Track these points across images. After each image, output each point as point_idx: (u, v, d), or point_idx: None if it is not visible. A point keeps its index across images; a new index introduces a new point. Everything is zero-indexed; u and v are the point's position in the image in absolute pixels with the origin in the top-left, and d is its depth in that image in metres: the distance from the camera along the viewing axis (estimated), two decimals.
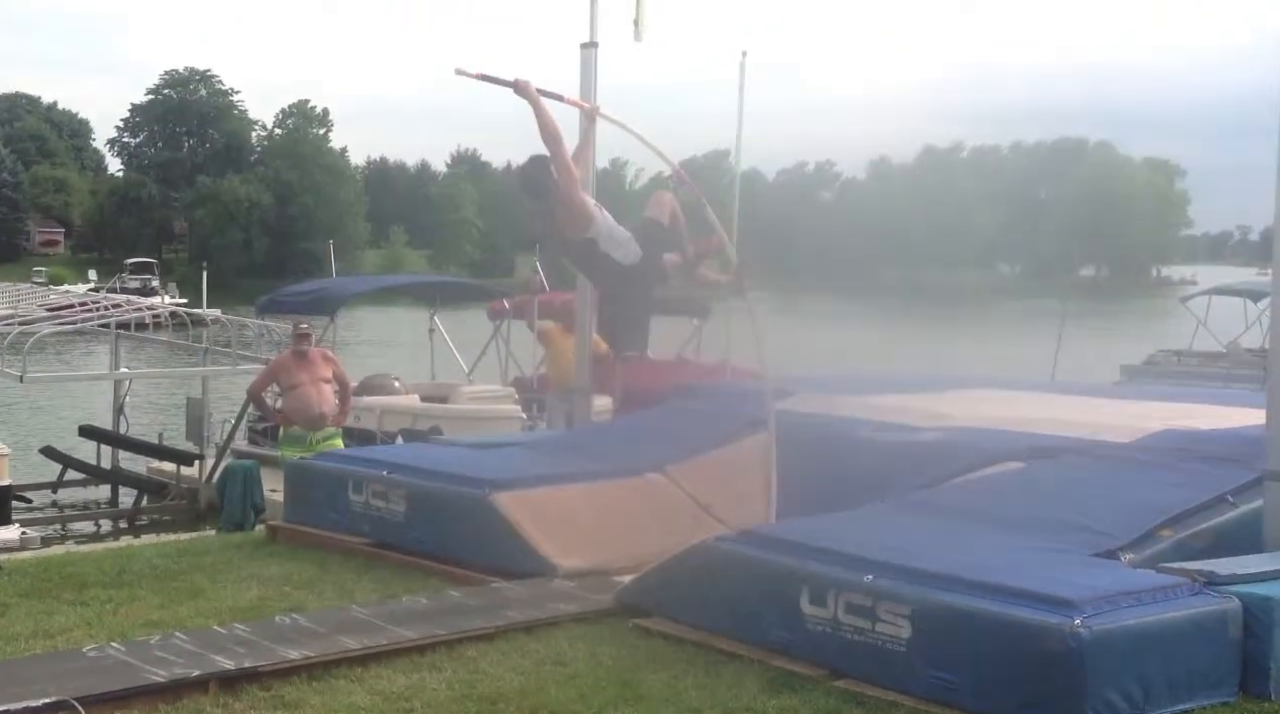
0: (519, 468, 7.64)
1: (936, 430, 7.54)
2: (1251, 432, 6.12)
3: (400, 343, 31.73)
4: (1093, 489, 6.08)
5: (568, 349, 12.37)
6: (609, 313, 15.17)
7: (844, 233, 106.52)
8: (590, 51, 8.83)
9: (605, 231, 6.89)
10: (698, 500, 7.66)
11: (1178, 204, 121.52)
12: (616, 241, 6.94)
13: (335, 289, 18.10)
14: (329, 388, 10.50)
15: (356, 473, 7.77)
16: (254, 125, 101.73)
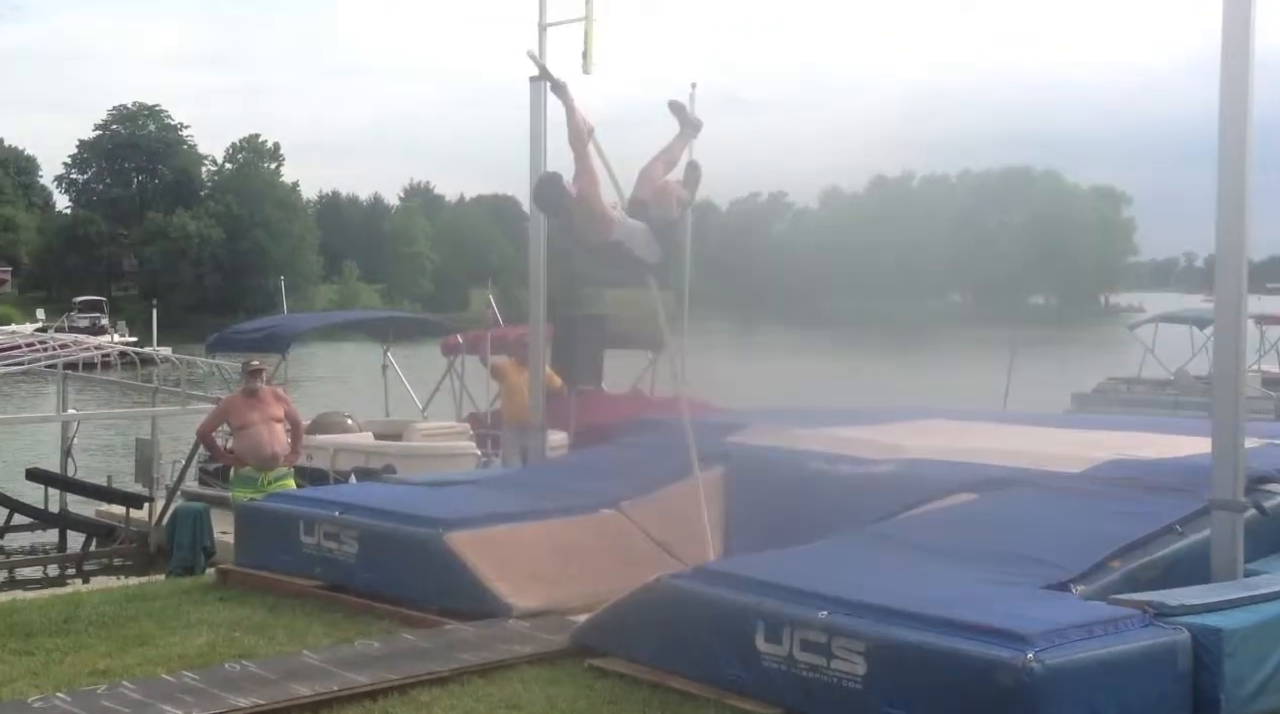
0: (473, 507, 7.59)
1: (890, 463, 7.58)
2: (1198, 461, 6.19)
3: (353, 379, 31.52)
4: (1044, 521, 6.12)
5: (522, 384, 12.35)
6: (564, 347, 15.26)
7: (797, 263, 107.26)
8: (539, 84, 8.86)
9: (628, 233, 6.95)
10: (653, 537, 7.65)
11: (1124, 231, 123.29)
12: (640, 241, 7.00)
13: (287, 326, 17.96)
14: (281, 427, 10.39)
15: (308, 514, 7.69)
16: (204, 160, 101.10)
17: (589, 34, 8.35)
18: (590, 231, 6.89)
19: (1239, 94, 5.73)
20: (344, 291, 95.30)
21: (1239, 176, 5.75)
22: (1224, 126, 5.77)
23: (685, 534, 7.38)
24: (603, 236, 6.89)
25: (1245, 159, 5.75)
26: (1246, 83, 5.72)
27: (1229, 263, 5.80)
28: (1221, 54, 5.77)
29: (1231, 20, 5.72)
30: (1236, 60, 5.73)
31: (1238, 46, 5.72)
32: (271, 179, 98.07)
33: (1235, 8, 5.71)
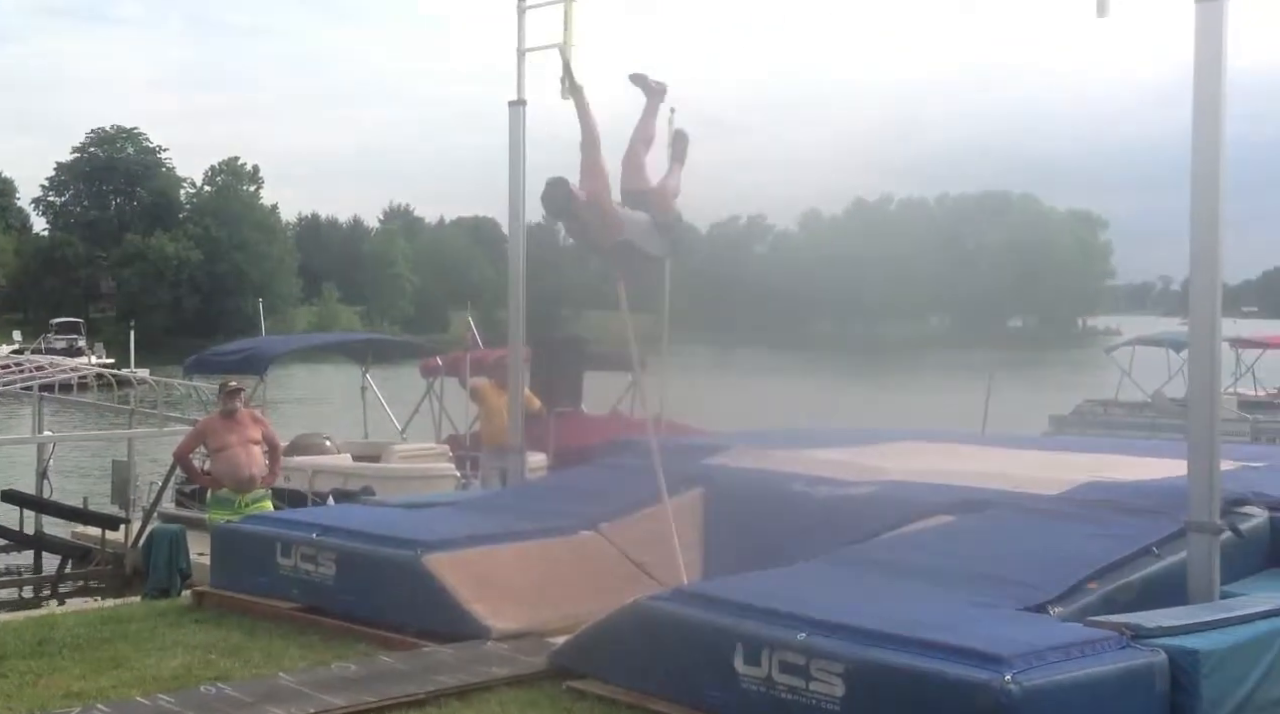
0: (451, 528, 7.56)
1: (869, 484, 7.59)
2: (1174, 483, 6.22)
3: (332, 401, 31.42)
4: (1021, 542, 6.14)
5: (501, 406, 12.34)
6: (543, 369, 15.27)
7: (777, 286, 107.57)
8: (518, 109, 8.89)
9: (637, 231, 7.00)
10: (632, 558, 7.64)
11: (1101, 255, 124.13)
12: (647, 237, 7.02)
13: (265, 348, 17.89)
14: (258, 449, 10.36)
15: (285, 535, 7.66)
16: (183, 183, 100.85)
17: (567, 59, 8.39)
18: (602, 233, 6.97)
19: (1212, 119, 5.79)
20: (323, 313, 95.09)
21: (1212, 201, 5.80)
22: (1197, 151, 5.83)
23: (664, 556, 7.37)
24: (613, 237, 6.97)
25: (1219, 184, 5.81)
26: (1219, 108, 5.79)
27: (1203, 287, 5.84)
28: (1194, 80, 5.83)
29: (1204, 47, 5.78)
30: (1209, 87, 5.79)
31: (1210, 73, 5.78)
32: (250, 201, 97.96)
33: (1207, 34, 5.77)
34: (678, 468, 8.12)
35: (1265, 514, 6.28)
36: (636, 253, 7.06)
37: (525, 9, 8.77)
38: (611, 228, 6.91)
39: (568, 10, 8.38)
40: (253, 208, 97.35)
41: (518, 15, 8.82)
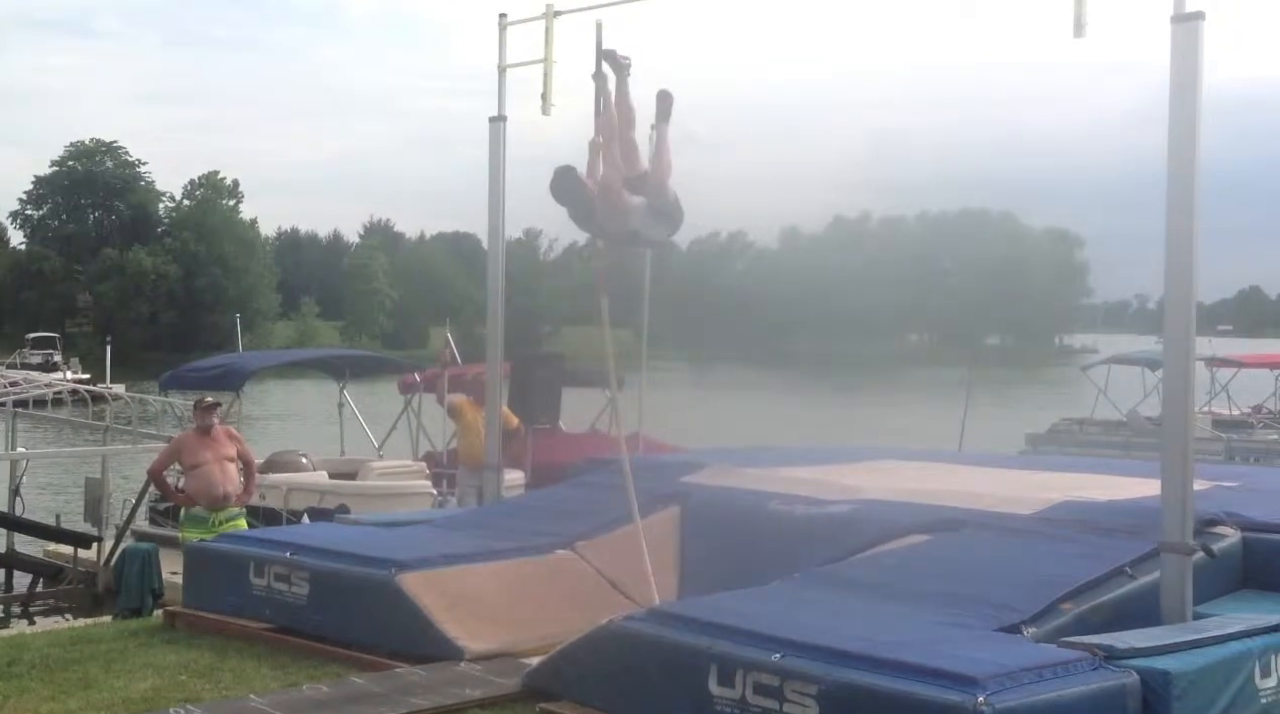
0: (425, 547, 7.52)
1: (845, 503, 7.59)
2: (1148, 503, 6.23)
3: (310, 417, 31.30)
4: (996, 562, 6.14)
5: (478, 423, 12.31)
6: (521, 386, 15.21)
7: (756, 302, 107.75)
8: (498, 125, 8.90)
9: (643, 220, 7.01)
10: (608, 577, 7.61)
11: (1078, 273, 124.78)
12: (651, 224, 7.05)
13: (241, 364, 17.80)
14: (233, 467, 10.29)
15: (258, 555, 7.60)
16: (162, 197, 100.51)
17: (548, 75, 8.41)
18: (610, 221, 6.99)
19: (1187, 138, 5.82)
20: (302, 329, 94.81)
21: (1187, 221, 5.83)
22: (1173, 170, 5.86)
23: (641, 575, 7.34)
24: (621, 226, 7.00)
25: (1193, 202, 5.83)
26: (1194, 127, 5.82)
27: (1177, 307, 5.86)
28: (1170, 99, 5.86)
29: (1180, 66, 5.81)
30: (1185, 105, 5.82)
31: (1186, 92, 5.82)
32: (230, 216, 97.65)
33: (1183, 53, 5.81)
34: (654, 486, 8.11)
35: (1238, 534, 6.30)
36: (641, 240, 7.10)
37: (507, 25, 8.78)
38: (619, 217, 6.93)
39: (549, 27, 8.40)
40: (232, 222, 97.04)
41: (499, 31, 8.83)
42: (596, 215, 7.00)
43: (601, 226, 7.06)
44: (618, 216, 6.94)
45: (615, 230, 7.03)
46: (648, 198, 7.06)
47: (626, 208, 6.92)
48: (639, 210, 6.98)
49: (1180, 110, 5.83)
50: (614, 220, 6.96)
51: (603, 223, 7.02)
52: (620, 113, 7.22)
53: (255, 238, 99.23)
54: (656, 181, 7.13)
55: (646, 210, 7.03)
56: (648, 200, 7.05)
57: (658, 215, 7.12)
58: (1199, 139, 5.83)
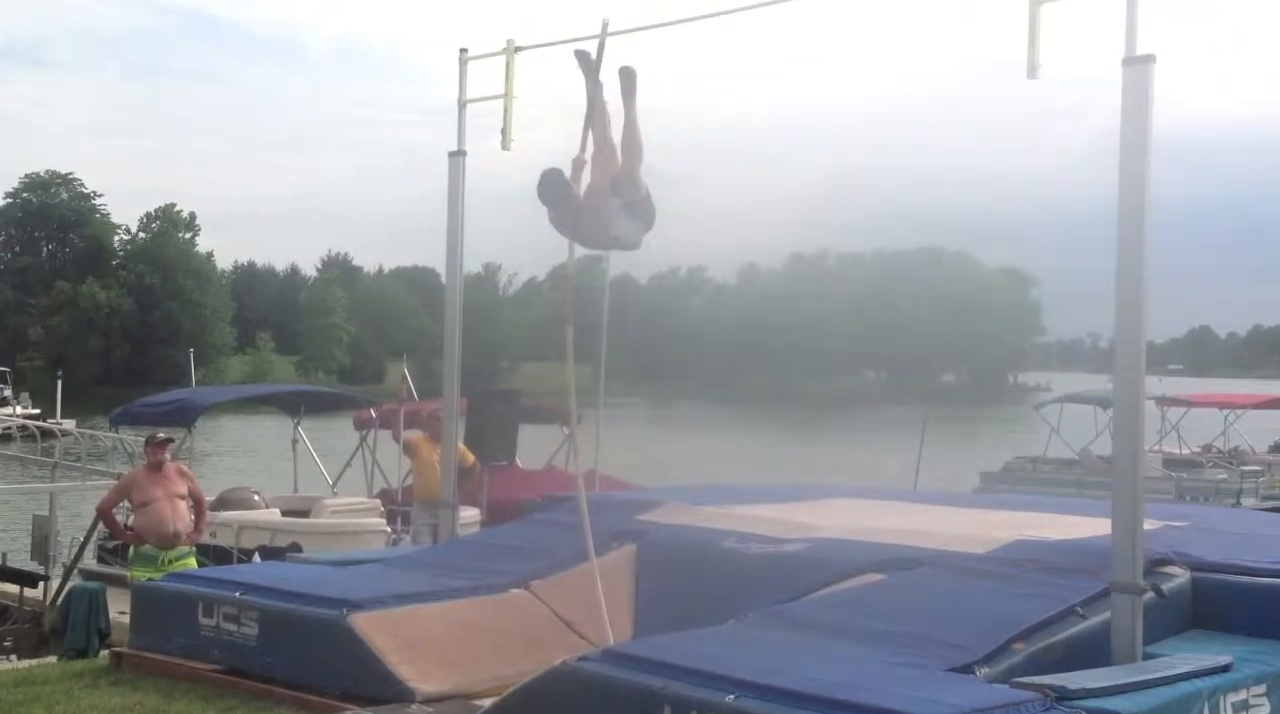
0: (378, 586, 7.45)
1: (800, 542, 7.59)
2: (1099, 543, 6.27)
3: (263, 454, 31.01)
4: (949, 602, 6.15)
5: (433, 460, 12.23)
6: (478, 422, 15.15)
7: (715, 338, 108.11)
8: (458, 159, 8.90)
9: (621, 224, 6.99)
10: (562, 617, 7.56)
11: (1031, 312, 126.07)
12: (629, 230, 7.05)
13: (194, 399, 17.62)
14: (184, 504, 10.19)
15: (206, 594, 7.49)
16: (117, 229, 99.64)
17: (508, 111, 8.42)
18: (594, 227, 6.98)
19: (1137, 180, 5.89)
20: (257, 363, 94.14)
21: (1137, 261, 5.89)
22: (1123, 211, 5.92)
23: (596, 614, 7.30)
24: (604, 232, 7.00)
25: (1143, 244, 5.90)
26: (1145, 169, 5.89)
27: (1127, 346, 5.92)
28: (1121, 141, 5.93)
29: (1131, 108, 5.90)
30: (1135, 147, 5.90)
31: (1136, 134, 5.89)
32: (186, 249, 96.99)
33: (1134, 96, 5.89)
34: (610, 524, 8.08)
35: (1187, 574, 6.34)
36: (617, 244, 7.10)
37: (467, 60, 8.79)
38: (604, 225, 6.94)
39: (509, 63, 8.42)
40: (188, 255, 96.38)
41: (460, 67, 8.84)
42: (581, 221, 7.00)
43: (583, 233, 7.05)
44: (601, 224, 6.95)
45: (596, 237, 7.04)
46: (622, 193, 7.05)
47: (610, 216, 6.94)
48: (620, 215, 7.00)
49: (1130, 152, 5.91)
50: (597, 227, 6.98)
51: (587, 230, 7.02)
52: (600, 118, 7.21)
53: (211, 271, 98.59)
54: (629, 172, 7.11)
55: (626, 214, 7.04)
56: (624, 200, 7.05)
57: (634, 216, 7.11)
58: (1149, 180, 5.91)
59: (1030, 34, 6.09)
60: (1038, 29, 6.08)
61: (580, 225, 7.01)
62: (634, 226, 7.11)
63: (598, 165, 7.01)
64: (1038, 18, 6.08)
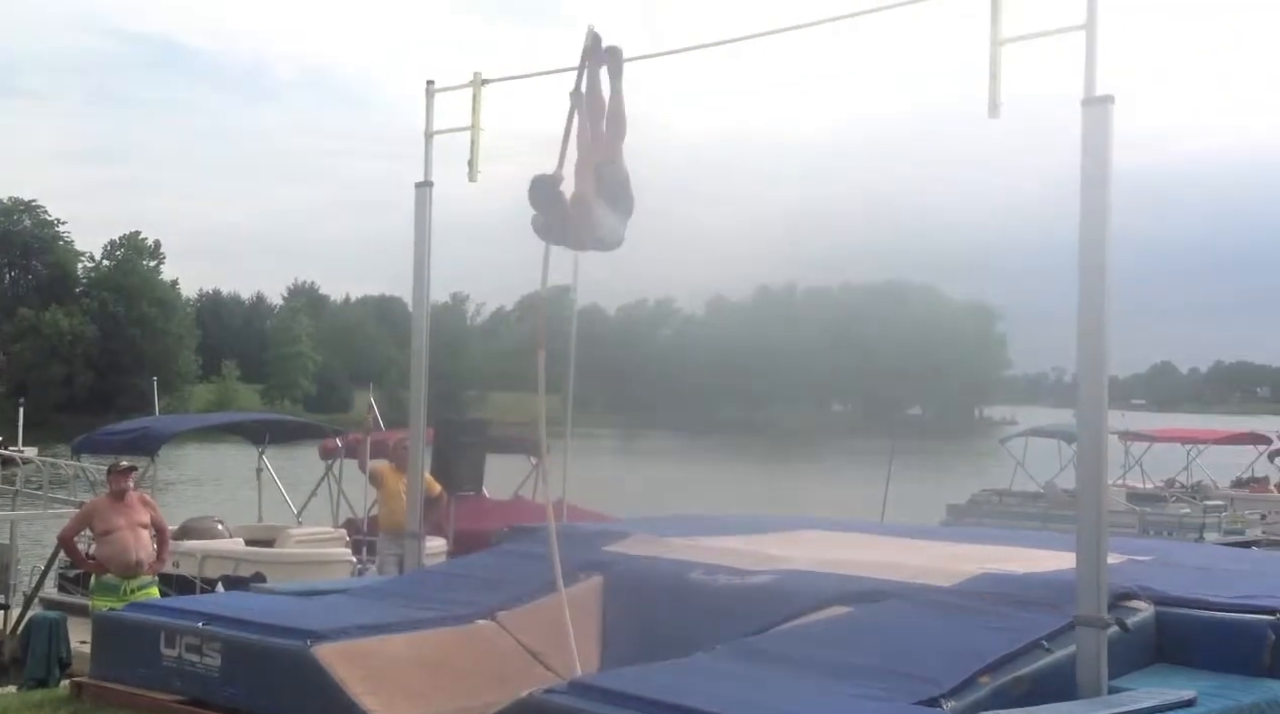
0: (342, 617, 7.38)
1: (768, 574, 7.59)
2: (1064, 576, 6.30)
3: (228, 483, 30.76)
4: (915, 635, 6.16)
5: (399, 489, 12.17)
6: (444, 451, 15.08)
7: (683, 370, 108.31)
8: (425, 190, 8.91)
9: (607, 228, 7.02)
10: (529, 648, 7.52)
11: (997, 346, 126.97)
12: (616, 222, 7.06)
13: (157, 428, 17.49)
14: (146, 534, 10.11)
15: (169, 624, 7.40)
16: (81, 257, 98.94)
17: (475, 143, 8.45)
18: (581, 231, 7.02)
19: (1098, 217, 5.96)
20: (222, 391, 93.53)
21: (1098, 297, 5.95)
22: (1084, 248, 5.98)
23: (562, 646, 7.27)
24: (590, 235, 7.04)
25: (1104, 281, 5.96)
26: (1105, 207, 5.96)
27: (1090, 383, 5.97)
28: (1081, 179, 6.00)
29: (1090, 147, 5.97)
30: (1095, 186, 5.96)
31: (1096, 173, 5.96)
32: (150, 276, 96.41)
33: (1094, 135, 5.97)
34: (577, 555, 8.05)
35: (1151, 609, 6.38)
36: (600, 246, 7.14)
37: (434, 92, 8.82)
38: (589, 228, 6.98)
39: (476, 95, 8.46)
40: (152, 283, 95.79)
41: (426, 98, 8.86)
42: (570, 227, 7.05)
43: (571, 237, 7.10)
44: (587, 229, 7.00)
45: (584, 239, 7.09)
46: (604, 175, 7.07)
47: (598, 221, 6.99)
48: (607, 215, 7.04)
49: (1091, 189, 5.98)
50: (583, 232, 7.02)
51: (571, 233, 7.07)
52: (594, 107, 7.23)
53: (176, 299, 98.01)
54: (611, 152, 7.14)
55: (609, 207, 7.08)
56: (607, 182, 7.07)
57: (616, 206, 7.13)
58: (1109, 218, 5.98)
59: (991, 73, 6.17)
60: (999, 68, 6.16)
61: (569, 227, 7.06)
62: (616, 220, 7.14)
63: (582, 175, 7.05)
64: (998, 57, 6.16)
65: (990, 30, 6.18)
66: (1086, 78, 5.93)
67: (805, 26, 7.46)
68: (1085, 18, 5.87)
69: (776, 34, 7.63)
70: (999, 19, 6.18)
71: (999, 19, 6.18)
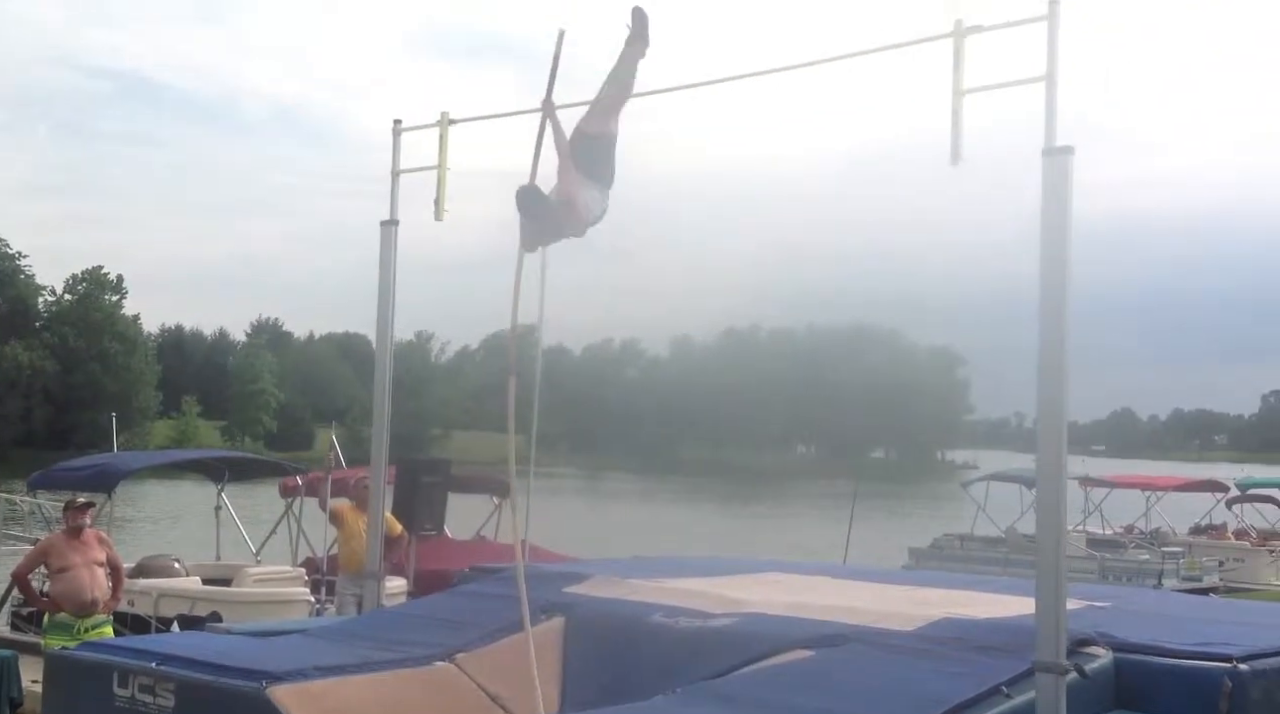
0: (299, 658, 7.30)
1: (729, 617, 7.57)
2: (1024, 621, 6.32)
3: (186, 520, 30.44)
4: (877, 679, 6.16)
5: (360, 529, 12.09)
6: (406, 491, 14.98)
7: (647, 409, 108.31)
8: (390, 228, 8.92)
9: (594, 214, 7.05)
10: (488, 691, 7.46)
11: (960, 390, 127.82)
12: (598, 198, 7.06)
13: (115, 464, 17.29)
14: (102, 572, 10.00)
15: (122, 664, 7.30)
16: (42, 291, 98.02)
17: (441, 181, 8.48)
18: (568, 226, 7.05)
19: (1058, 266, 6.02)
20: (182, 428, 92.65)
21: (1058, 343, 6.01)
22: (1044, 296, 6.04)
23: (522, 688, 7.21)
24: (582, 224, 7.07)
25: (1063, 329, 6.02)
26: (1065, 255, 6.02)
27: (1049, 428, 6.01)
28: (1041, 228, 6.07)
29: (1050, 196, 6.05)
30: (1055, 234, 6.03)
31: (1056, 222, 6.03)
32: (112, 311, 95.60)
33: (1054, 184, 6.05)
34: (539, 596, 7.99)
35: (1110, 655, 6.40)
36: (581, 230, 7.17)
37: (401, 131, 8.85)
38: (576, 221, 7.04)
39: (443, 134, 8.50)
40: (114, 318, 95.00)
41: (394, 137, 8.89)
42: (562, 225, 7.08)
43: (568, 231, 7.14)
44: (574, 222, 7.06)
45: (580, 230, 7.14)
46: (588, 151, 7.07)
47: (580, 220, 7.03)
48: (590, 210, 7.07)
49: (1051, 239, 6.05)
50: (574, 225, 7.09)
51: (569, 231, 7.12)
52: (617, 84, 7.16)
53: (138, 334, 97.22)
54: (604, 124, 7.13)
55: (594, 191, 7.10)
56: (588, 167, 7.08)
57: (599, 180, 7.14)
58: (1069, 267, 6.04)
59: (953, 123, 6.25)
60: (960, 118, 6.24)
61: (563, 225, 7.11)
62: (600, 193, 7.16)
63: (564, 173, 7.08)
64: (960, 108, 6.25)
65: (952, 80, 6.27)
66: (1047, 128, 6.02)
67: (769, 73, 7.55)
68: (1046, 69, 5.97)
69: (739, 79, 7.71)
70: (961, 69, 6.27)
71: (961, 69, 6.27)
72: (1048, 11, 6.00)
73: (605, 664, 7.48)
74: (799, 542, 24.97)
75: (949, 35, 6.34)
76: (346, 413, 75.77)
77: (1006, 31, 6.29)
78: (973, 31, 6.31)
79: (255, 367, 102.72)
